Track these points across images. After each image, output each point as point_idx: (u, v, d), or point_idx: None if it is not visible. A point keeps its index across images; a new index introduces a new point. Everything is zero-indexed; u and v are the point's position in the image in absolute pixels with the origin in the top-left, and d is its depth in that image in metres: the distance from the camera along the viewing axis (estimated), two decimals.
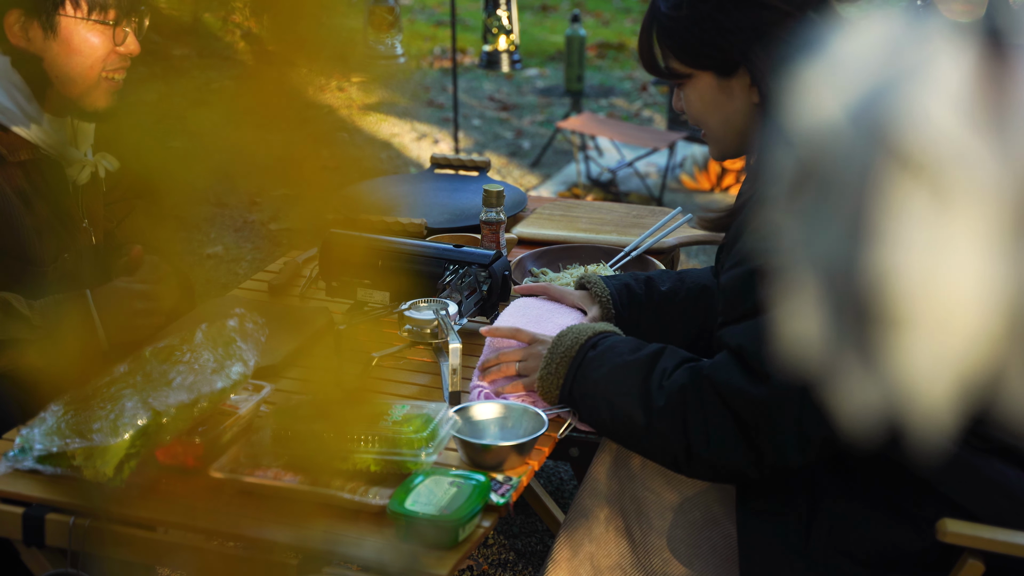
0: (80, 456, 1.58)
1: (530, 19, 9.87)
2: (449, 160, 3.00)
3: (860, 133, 0.68)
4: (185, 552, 1.61)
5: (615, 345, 1.81)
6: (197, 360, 1.69)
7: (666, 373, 1.73)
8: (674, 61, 1.86)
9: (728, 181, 5.70)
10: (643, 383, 1.73)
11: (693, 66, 1.83)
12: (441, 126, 6.75)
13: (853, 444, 1.54)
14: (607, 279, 2.10)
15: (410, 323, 2.03)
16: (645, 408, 1.72)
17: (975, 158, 0.66)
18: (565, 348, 1.82)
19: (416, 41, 8.98)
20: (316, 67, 0.99)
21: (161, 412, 1.59)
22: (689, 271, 2.18)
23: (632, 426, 1.74)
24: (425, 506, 1.55)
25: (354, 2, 4.16)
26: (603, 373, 1.77)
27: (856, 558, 1.66)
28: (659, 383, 1.72)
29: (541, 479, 3.06)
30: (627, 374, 1.75)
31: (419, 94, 7.55)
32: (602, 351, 1.80)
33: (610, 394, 1.75)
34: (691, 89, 1.86)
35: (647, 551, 1.81)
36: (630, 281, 2.11)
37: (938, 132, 0.66)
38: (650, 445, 1.74)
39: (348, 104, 1.87)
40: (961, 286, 0.67)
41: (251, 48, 1.02)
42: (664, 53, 1.88)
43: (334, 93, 1.08)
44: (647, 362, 1.75)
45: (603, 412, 1.77)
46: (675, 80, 1.88)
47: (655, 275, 2.14)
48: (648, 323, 2.07)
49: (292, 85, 0.99)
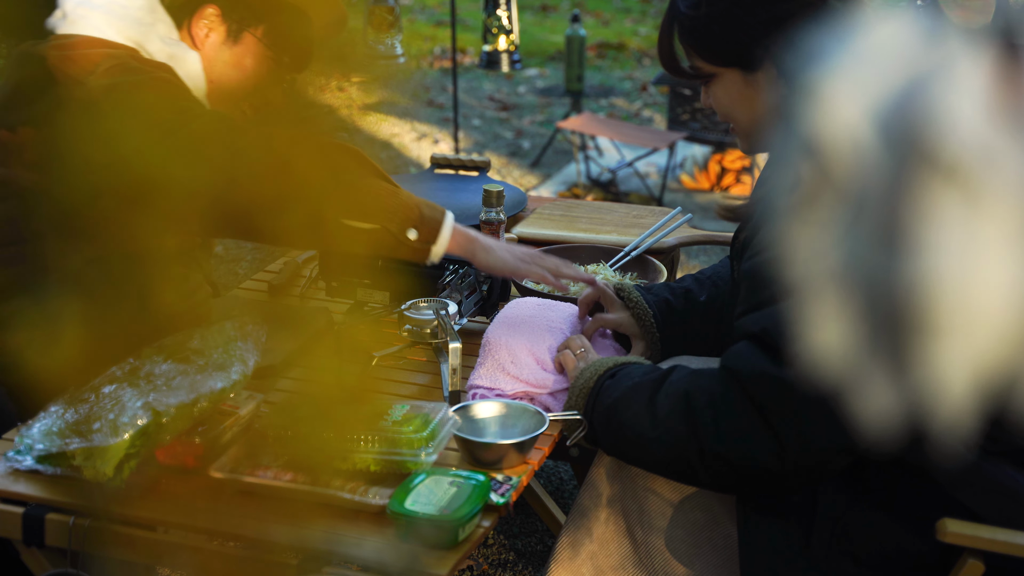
0: (80, 456, 1.58)
1: (530, 19, 9.87)
2: (449, 160, 3.00)
3: (887, 137, 0.67)
4: (185, 552, 1.61)
5: (631, 372, 1.79)
6: (197, 360, 1.69)
7: (672, 383, 1.72)
8: (698, 60, 1.85)
9: (728, 181, 5.70)
10: (650, 399, 1.72)
11: (717, 64, 1.82)
12: (441, 126, 6.75)
13: (875, 449, 1.53)
14: (646, 295, 2.07)
15: (410, 323, 2.03)
16: (652, 420, 1.70)
17: (1004, 160, 0.66)
18: (584, 380, 1.81)
19: (416, 41, 8.98)
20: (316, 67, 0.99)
21: (161, 412, 1.59)
22: (717, 272, 2.15)
23: (643, 441, 1.71)
24: (425, 506, 1.55)
25: (354, 2, 4.16)
26: (615, 397, 1.76)
27: (858, 559, 1.66)
28: (665, 393, 1.71)
29: (541, 479, 3.06)
30: (636, 394, 1.73)
31: (419, 94, 7.55)
32: (619, 378, 1.78)
33: (620, 416, 1.74)
34: (718, 86, 1.84)
35: (648, 551, 1.81)
36: (669, 297, 2.09)
37: (968, 135, 0.65)
38: (663, 456, 1.71)
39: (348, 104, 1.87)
40: (992, 289, 0.66)
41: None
42: (687, 53, 1.87)
43: (334, 93, 1.08)
44: (657, 380, 1.74)
45: (616, 435, 1.75)
46: (700, 79, 1.86)
47: (689, 286, 2.11)
48: (692, 336, 2.06)
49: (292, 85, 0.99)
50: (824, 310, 0.71)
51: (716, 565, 1.79)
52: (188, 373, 1.66)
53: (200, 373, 1.66)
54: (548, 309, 2.05)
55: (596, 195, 5.60)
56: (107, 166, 1.72)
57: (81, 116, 1.84)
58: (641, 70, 8.43)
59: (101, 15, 2.00)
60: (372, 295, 2.22)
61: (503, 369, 1.91)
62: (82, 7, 2.00)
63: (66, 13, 2.01)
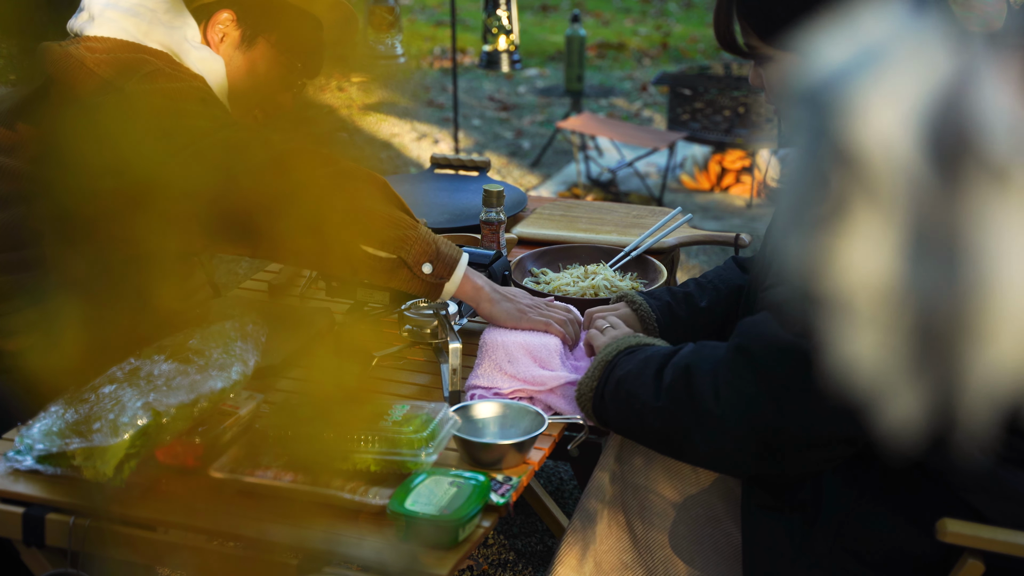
0: (80, 456, 1.58)
1: (530, 19, 9.87)
2: (449, 160, 3.00)
3: (932, 144, 0.65)
4: (185, 552, 1.61)
5: (647, 348, 1.79)
6: (197, 360, 1.69)
7: (681, 356, 1.71)
8: (756, 40, 1.76)
9: (728, 181, 5.70)
10: (658, 371, 1.71)
11: (777, 47, 1.73)
12: (441, 126, 6.75)
13: (899, 455, 1.51)
14: (649, 300, 2.07)
15: (410, 323, 2.03)
16: (656, 390, 1.69)
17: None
18: (606, 354, 1.80)
19: (416, 41, 8.98)
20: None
21: (161, 412, 1.59)
22: (719, 276, 2.13)
23: (644, 411, 1.70)
24: (425, 506, 1.55)
25: (354, 2, 4.16)
26: (627, 370, 1.75)
27: (862, 558, 1.66)
28: (673, 365, 1.70)
29: (541, 479, 3.06)
30: (647, 365, 1.73)
31: (419, 94, 7.55)
32: (636, 354, 1.78)
33: (628, 386, 1.73)
34: (773, 70, 1.76)
35: (649, 548, 1.81)
36: (670, 301, 2.08)
37: (1015, 136, 0.64)
38: (661, 426, 1.69)
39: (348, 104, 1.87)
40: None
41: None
42: (744, 30, 1.77)
43: (334, 93, 1.08)
44: (669, 353, 1.73)
45: (622, 406, 1.74)
46: (755, 59, 1.78)
47: (691, 290, 2.10)
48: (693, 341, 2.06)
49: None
50: (864, 321, 0.69)
51: (717, 563, 1.79)
52: (188, 373, 1.66)
53: (200, 373, 1.66)
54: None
55: (596, 195, 5.60)
56: (137, 170, 1.73)
57: (117, 119, 1.84)
58: (641, 70, 8.43)
59: (131, 19, 2.01)
60: (372, 295, 2.22)
61: (500, 368, 1.91)
62: (111, 9, 2.01)
63: (93, 15, 2.01)
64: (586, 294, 2.27)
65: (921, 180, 0.67)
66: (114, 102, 1.91)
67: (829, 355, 0.71)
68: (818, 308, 0.71)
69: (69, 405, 1.68)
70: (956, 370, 0.66)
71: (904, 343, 0.69)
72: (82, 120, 1.92)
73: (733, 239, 2.53)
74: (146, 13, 2.02)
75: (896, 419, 0.69)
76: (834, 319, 0.70)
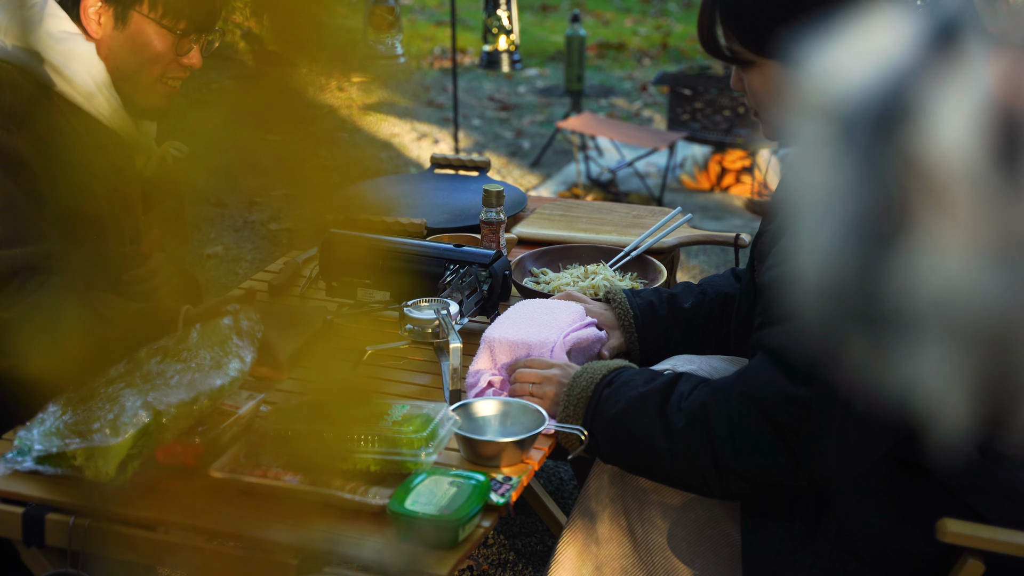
0: (81, 456, 1.58)
1: (530, 19, 9.87)
2: (449, 160, 3.00)
3: (994, 151, 0.64)
4: (185, 552, 1.61)
5: (630, 379, 1.76)
6: (194, 358, 1.69)
7: (684, 395, 1.70)
8: (738, 45, 1.76)
9: (728, 181, 5.70)
10: (661, 410, 1.70)
11: (760, 53, 1.74)
12: (441, 126, 6.75)
13: (947, 471, 1.54)
14: (631, 297, 2.08)
15: (411, 322, 2.03)
16: (666, 433, 1.69)
17: None
18: (581, 389, 1.78)
19: (416, 41, 8.98)
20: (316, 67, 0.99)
21: (161, 411, 1.59)
22: (710, 281, 2.14)
23: (654, 454, 1.70)
24: (425, 506, 1.55)
25: (354, 2, 4.16)
26: (620, 408, 1.73)
27: (862, 558, 1.66)
28: (677, 406, 1.69)
29: (541, 479, 3.06)
30: (644, 404, 1.72)
31: (419, 94, 7.55)
32: (617, 387, 1.76)
33: (628, 427, 1.72)
34: (755, 76, 1.76)
35: (649, 550, 1.81)
36: (654, 300, 2.08)
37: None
38: (675, 469, 1.70)
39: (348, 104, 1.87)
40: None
41: (251, 48, 1.02)
42: (727, 35, 1.77)
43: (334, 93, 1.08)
44: (663, 390, 1.72)
45: (624, 447, 1.74)
46: (737, 64, 1.78)
47: (678, 291, 2.11)
48: (673, 342, 2.06)
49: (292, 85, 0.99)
50: (925, 335, 0.67)
51: (717, 564, 1.79)
52: (186, 372, 1.66)
53: (198, 371, 1.66)
54: (550, 308, 2.05)
55: (596, 195, 5.60)
56: None
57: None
58: (641, 70, 8.43)
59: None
60: (372, 295, 2.22)
61: (496, 362, 1.92)
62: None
63: None
64: (586, 294, 2.27)
65: (991, 187, 0.65)
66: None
67: (873, 376, 0.69)
68: (869, 328, 0.69)
69: (68, 405, 1.68)
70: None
71: (975, 356, 0.67)
72: None
73: (733, 239, 2.53)
74: (7, 10, 2.00)
75: (951, 435, 0.67)
76: (894, 337, 0.68)
